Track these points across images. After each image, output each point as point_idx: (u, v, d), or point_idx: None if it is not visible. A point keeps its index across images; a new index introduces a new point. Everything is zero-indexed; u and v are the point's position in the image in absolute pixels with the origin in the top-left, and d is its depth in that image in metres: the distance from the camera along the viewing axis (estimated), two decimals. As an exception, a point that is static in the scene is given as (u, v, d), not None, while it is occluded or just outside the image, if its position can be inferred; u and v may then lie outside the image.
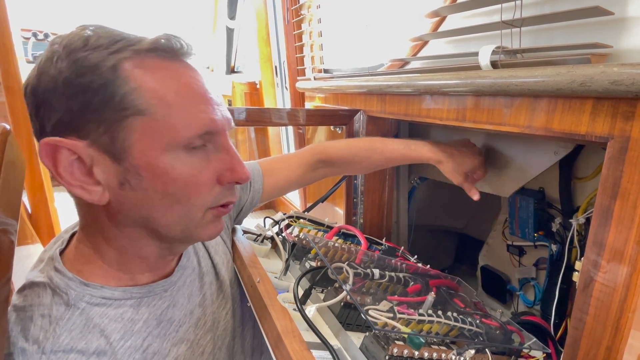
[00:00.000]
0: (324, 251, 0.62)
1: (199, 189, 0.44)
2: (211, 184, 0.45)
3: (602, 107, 0.42)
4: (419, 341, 0.45)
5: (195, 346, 0.53)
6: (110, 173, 0.41)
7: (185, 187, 0.43)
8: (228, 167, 0.46)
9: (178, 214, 0.45)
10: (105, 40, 0.40)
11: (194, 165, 0.44)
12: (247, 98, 2.11)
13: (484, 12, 0.64)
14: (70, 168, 0.41)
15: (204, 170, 0.44)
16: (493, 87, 0.53)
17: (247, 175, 0.47)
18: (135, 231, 0.46)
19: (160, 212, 0.44)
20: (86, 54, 0.39)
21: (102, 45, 0.40)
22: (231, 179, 0.46)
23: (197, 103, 0.43)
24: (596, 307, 0.44)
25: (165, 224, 0.45)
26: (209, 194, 0.45)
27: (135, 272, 0.49)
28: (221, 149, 0.46)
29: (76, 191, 0.42)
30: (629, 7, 0.45)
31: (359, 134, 0.96)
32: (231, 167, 0.46)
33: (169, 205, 0.44)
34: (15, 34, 1.51)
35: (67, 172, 0.41)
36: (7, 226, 0.43)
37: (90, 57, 0.39)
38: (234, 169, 0.46)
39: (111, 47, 0.40)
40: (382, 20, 0.97)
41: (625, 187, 0.40)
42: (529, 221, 0.75)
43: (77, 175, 0.41)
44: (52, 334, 0.42)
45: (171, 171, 0.42)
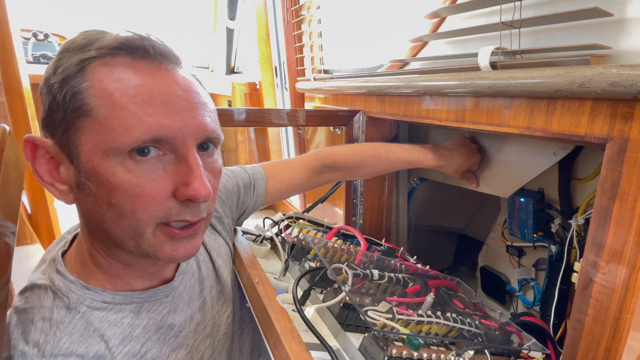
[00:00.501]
0: (323, 252, 0.62)
1: (145, 202, 0.39)
2: (162, 197, 0.40)
3: (600, 108, 0.42)
4: (418, 342, 0.45)
5: (194, 351, 0.53)
6: (70, 174, 0.42)
7: (129, 197, 0.39)
8: (183, 181, 0.40)
9: (125, 227, 0.41)
10: (83, 41, 0.40)
11: (141, 174, 0.39)
12: (247, 98, 2.11)
13: (484, 13, 0.64)
14: (46, 166, 0.42)
15: (153, 181, 0.39)
16: (492, 88, 0.54)
17: (203, 192, 0.40)
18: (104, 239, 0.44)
19: (108, 223, 0.41)
20: (63, 55, 0.40)
21: (79, 45, 0.40)
22: (183, 195, 0.40)
23: (148, 106, 0.38)
24: (595, 308, 0.44)
25: (117, 236, 0.42)
26: (159, 208, 0.40)
27: (126, 278, 0.48)
28: (181, 160, 0.41)
29: (49, 188, 0.43)
30: (628, 8, 0.45)
31: (359, 135, 0.96)
32: (186, 182, 0.40)
33: (116, 217, 0.40)
34: (15, 34, 1.51)
35: (43, 169, 0.42)
36: (4, 228, 0.43)
37: (64, 57, 0.40)
38: (188, 184, 0.40)
39: (87, 46, 0.40)
40: (381, 21, 0.97)
41: (624, 188, 0.40)
42: (529, 222, 0.75)
43: (50, 173, 0.42)
44: (52, 338, 0.42)
45: (112, 178, 0.39)
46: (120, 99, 0.38)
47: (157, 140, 0.39)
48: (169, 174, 0.40)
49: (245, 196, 0.70)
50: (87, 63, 0.39)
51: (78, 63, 0.39)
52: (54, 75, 0.40)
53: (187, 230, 0.43)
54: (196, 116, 0.42)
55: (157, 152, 0.40)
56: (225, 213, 0.67)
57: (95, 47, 0.40)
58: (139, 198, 0.39)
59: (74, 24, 0.67)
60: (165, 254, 0.43)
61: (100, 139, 0.38)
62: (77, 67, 0.39)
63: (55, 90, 0.39)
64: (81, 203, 0.43)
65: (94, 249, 0.46)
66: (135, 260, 0.47)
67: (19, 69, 1.55)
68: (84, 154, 0.39)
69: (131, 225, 0.40)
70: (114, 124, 0.38)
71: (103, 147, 0.38)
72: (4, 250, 0.42)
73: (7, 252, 0.43)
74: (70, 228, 0.53)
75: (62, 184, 0.43)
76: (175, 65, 0.43)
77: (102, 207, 0.40)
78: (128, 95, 0.38)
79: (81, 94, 0.38)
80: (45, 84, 0.41)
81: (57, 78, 0.39)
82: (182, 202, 0.41)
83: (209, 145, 0.44)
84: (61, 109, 0.39)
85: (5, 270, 0.43)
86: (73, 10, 2.93)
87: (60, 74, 0.39)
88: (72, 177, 0.41)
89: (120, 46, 0.39)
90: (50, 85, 0.40)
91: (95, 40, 0.40)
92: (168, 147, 0.40)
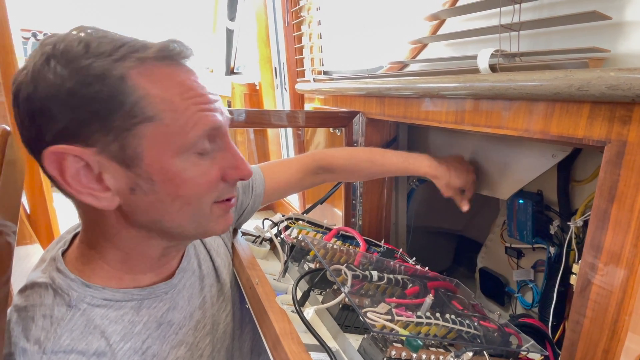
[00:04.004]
0: (322, 253, 0.62)
1: (208, 188, 0.46)
2: (216, 181, 0.46)
3: (599, 111, 0.43)
4: (417, 343, 0.45)
5: (194, 349, 0.53)
6: (120, 179, 0.41)
7: (197, 187, 0.44)
8: (232, 165, 0.47)
9: (189, 213, 0.46)
10: (107, 47, 0.39)
11: (202, 166, 0.45)
12: (247, 99, 2.11)
13: (483, 15, 0.64)
14: (77, 176, 0.40)
15: (210, 169, 0.45)
16: (492, 91, 0.54)
17: (250, 171, 0.49)
18: (144, 232, 0.46)
19: (172, 214, 0.45)
20: (89, 62, 0.38)
21: (105, 52, 0.39)
22: (235, 177, 0.48)
23: (199, 103, 0.43)
24: (593, 309, 0.44)
25: (179, 224, 0.46)
26: (215, 190, 0.47)
27: (137, 273, 0.49)
28: (224, 148, 0.47)
29: (85, 198, 0.41)
30: (626, 11, 0.45)
31: (358, 136, 0.96)
32: (235, 165, 0.48)
33: (180, 207, 0.45)
34: (15, 34, 1.51)
35: (75, 179, 0.40)
36: (5, 228, 0.43)
37: (94, 65, 0.38)
38: (237, 167, 0.48)
39: (114, 53, 0.39)
40: (381, 23, 0.98)
41: (622, 190, 0.41)
42: (527, 224, 0.75)
43: (84, 182, 0.41)
44: (53, 335, 0.42)
45: (182, 174, 0.43)
46: (181, 102, 0.42)
47: (214, 129, 0.44)
48: (217, 161, 0.46)
49: (244, 197, 0.70)
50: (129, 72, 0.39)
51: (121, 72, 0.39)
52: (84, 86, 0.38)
53: (232, 202, 0.51)
54: (222, 105, 0.47)
55: (208, 144, 0.45)
56: None
57: (137, 56, 0.40)
58: (204, 185, 0.45)
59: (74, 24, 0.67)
60: (220, 226, 0.50)
61: (169, 140, 0.42)
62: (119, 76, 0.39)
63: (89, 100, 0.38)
64: (132, 204, 0.43)
65: (112, 247, 0.46)
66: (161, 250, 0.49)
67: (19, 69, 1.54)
68: (148, 156, 0.41)
69: (195, 210, 0.46)
70: (181, 125, 0.42)
71: (173, 147, 0.42)
72: (4, 249, 0.42)
73: (8, 251, 0.43)
74: (69, 228, 0.54)
75: (103, 191, 0.41)
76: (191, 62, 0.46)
77: (164, 202, 0.44)
78: (185, 98, 0.42)
79: (139, 103, 0.39)
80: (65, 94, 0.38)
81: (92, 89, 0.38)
82: (228, 182, 0.48)
83: None
84: (107, 118, 0.39)
85: (6, 270, 0.43)
86: (72, 10, 2.93)
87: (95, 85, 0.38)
88: (124, 181, 0.41)
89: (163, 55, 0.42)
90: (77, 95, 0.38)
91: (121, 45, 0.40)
92: (214, 138, 0.45)
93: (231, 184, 0.49)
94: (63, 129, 0.39)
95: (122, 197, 0.42)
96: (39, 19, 2.63)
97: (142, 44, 0.41)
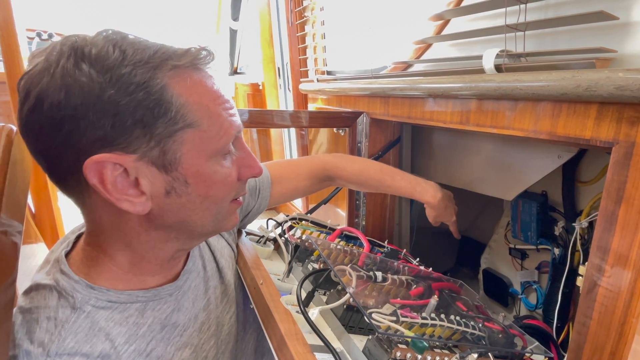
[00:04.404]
0: (326, 253, 0.62)
1: (231, 187, 0.48)
2: (236, 180, 0.49)
3: (607, 112, 0.42)
4: (422, 345, 0.45)
5: (199, 350, 0.53)
6: (157, 183, 0.42)
7: (223, 187, 0.47)
8: (246, 164, 0.50)
9: (214, 212, 0.48)
10: (143, 54, 0.40)
11: (227, 166, 0.47)
12: (250, 99, 2.11)
13: (488, 15, 0.64)
14: (115, 183, 0.40)
15: (232, 170, 0.48)
16: (497, 91, 0.53)
17: (261, 169, 0.51)
18: (163, 234, 0.48)
19: (199, 213, 0.47)
20: (129, 69, 0.38)
21: (142, 59, 0.39)
22: (249, 175, 0.51)
23: (226, 109, 0.46)
24: (600, 311, 0.44)
25: (202, 223, 0.48)
26: (234, 189, 0.49)
27: (146, 275, 0.50)
28: (239, 148, 0.50)
29: (122, 204, 0.41)
30: (634, 12, 0.45)
31: (362, 137, 0.96)
32: (249, 164, 0.50)
33: (207, 206, 0.47)
34: (20, 34, 1.52)
35: (115, 187, 0.40)
36: (11, 228, 0.43)
37: (135, 73, 0.39)
38: (250, 166, 0.50)
39: (151, 61, 0.40)
40: (385, 23, 0.98)
41: (630, 192, 0.40)
42: (532, 224, 0.75)
43: (122, 189, 0.41)
44: (57, 337, 0.42)
45: (214, 176, 0.45)
46: (214, 108, 0.44)
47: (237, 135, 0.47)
48: (234, 161, 0.49)
49: (250, 199, 0.70)
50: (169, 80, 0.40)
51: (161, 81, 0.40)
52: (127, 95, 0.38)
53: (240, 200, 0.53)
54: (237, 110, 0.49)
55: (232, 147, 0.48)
56: None
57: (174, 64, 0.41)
58: (229, 185, 0.48)
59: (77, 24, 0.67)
60: (231, 222, 0.52)
61: (205, 145, 0.44)
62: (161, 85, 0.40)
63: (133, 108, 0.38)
64: (163, 206, 0.44)
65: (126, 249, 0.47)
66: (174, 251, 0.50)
67: (24, 68, 1.55)
68: (187, 160, 0.43)
69: (219, 208, 0.48)
70: (216, 129, 0.44)
71: (208, 150, 0.44)
72: (11, 249, 0.42)
73: (14, 251, 0.43)
74: (74, 228, 0.54)
75: (139, 196, 0.42)
76: None
77: (195, 202, 0.46)
78: (217, 104, 0.45)
79: (181, 110, 0.41)
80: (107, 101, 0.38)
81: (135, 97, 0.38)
82: (242, 180, 0.51)
83: None
84: (150, 125, 0.40)
85: (12, 269, 0.43)
86: (76, 10, 2.94)
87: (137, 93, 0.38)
88: (161, 184, 0.43)
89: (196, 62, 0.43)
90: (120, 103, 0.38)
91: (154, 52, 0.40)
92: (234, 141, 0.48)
93: (244, 182, 0.52)
94: (102, 136, 0.38)
95: (155, 200, 0.43)
96: (43, 19, 2.64)
97: (174, 50, 0.42)
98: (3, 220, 0.41)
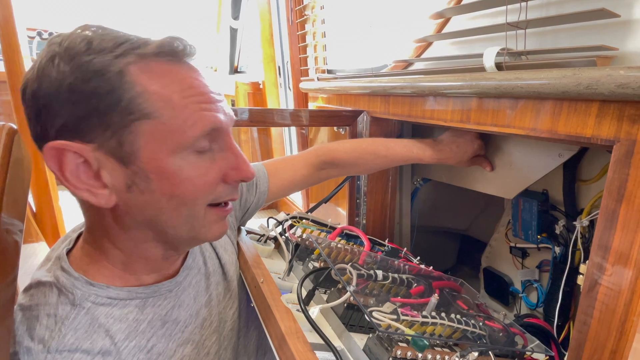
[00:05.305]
0: (327, 252, 0.62)
1: (205, 188, 0.45)
2: (216, 182, 0.46)
3: (608, 110, 0.42)
4: (422, 343, 0.45)
5: (200, 347, 0.53)
6: (117, 176, 0.41)
7: (193, 188, 0.44)
8: (233, 166, 0.47)
9: (184, 214, 0.45)
10: (108, 43, 0.40)
11: (201, 166, 0.44)
12: (250, 98, 2.11)
13: (489, 13, 0.64)
14: (76, 172, 0.41)
15: (210, 170, 0.45)
16: (498, 89, 0.53)
17: (252, 173, 0.48)
18: (142, 233, 0.46)
19: (167, 213, 0.44)
20: (90, 58, 0.39)
21: (106, 48, 0.39)
22: (237, 178, 0.47)
23: (200, 102, 0.43)
24: (601, 310, 0.44)
25: (172, 225, 0.46)
26: (212, 192, 0.46)
27: (140, 273, 0.49)
28: (226, 148, 0.46)
29: (83, 194, 0.41)
30: (635, 9, 0.45)
31: (362, 135, 0.96)
32: (236, 166, 0.47)
33: (176, 207, 0.44)
34: (20, 33, 1.52)
35: (74, 175, 0.41)
36: (12, 227, 0.43)
37: (95, 61, 0.39)
38: (239, 168, 0.47)
39: (115, 50, 0.40)
40: (386, 21, 0.97)
41: (631, 190, 0.40)
42: (532, 223, 0.75)
43: (83, 179, 0.41)
44: (57, 334, 0.42)
45: (179, 173, 0.42)
46: (180, 100, 0.41)
47: (214, 130, 0.44)
48: (217, 161, 0.46)
49: (248, 194, 0.70)
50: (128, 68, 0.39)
51: (119, 69, 0.39)
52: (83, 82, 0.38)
53: (228, 208, 0.50)
54: (227, 107, 0.46)
55: (208, 144, 0.44)
56: None
57: (138, 52, 0.40)
58: (202, 186, 0.44)
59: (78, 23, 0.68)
60: (212, 232, 0.49)
61: (167, 138, 0.41)
62: (118, 73, 0.39)
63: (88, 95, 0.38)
64: (128, 202, 0.43)
65: (114, 247, 0.47)
66: (162, 252, 0.49)
67: (25, 67, 1.55)
68: (145, 154, 0.41)
69: (190, 211, 0.45)
70: (179, 123, 0.41)
71: (170, 145, 0.41)
72: (12, 247, 0.42)
73: (15, 249, 0.43)
74: (75, 227, 0.54)
75: (101, 188, 0.42)
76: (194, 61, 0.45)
77: (160, 201, 0.43)
78: (185, 96, 0.42)
79: (136, 100, 0.39)
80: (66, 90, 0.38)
81: (91, 84, 0.38)
82: (229, 184, 0.47)
83: None
84: (105, 114, 0.39)
85: (13, 267, 0.43)
86: (77, 9, 2.94)
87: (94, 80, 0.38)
88: (121, 178, 0.42)
89: (164, 51, 0.41)
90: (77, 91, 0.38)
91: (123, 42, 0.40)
92: (214, 138, 0.45)
93: (232, 186, 0.48)
94: (64, 124, 0.39)
95: (119, 194, 0.42)
96: (44, 18, 2.64)
97: (145, 40, 0.41)
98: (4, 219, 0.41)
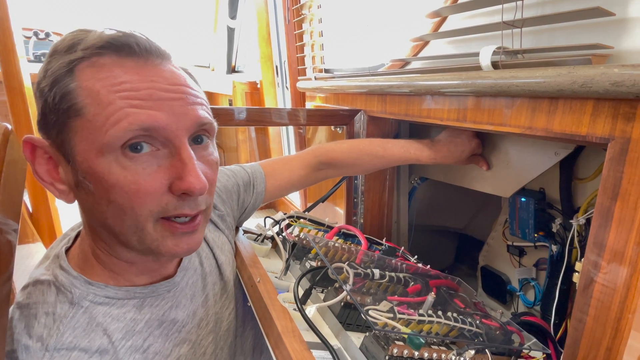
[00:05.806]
0: (324, 251, 0.62)
1: (142, 198, 0.40)
2: (158, 192, 0.40)
3: (602, 108, 0.42)
4: (418, 341, 0.45)
5: (197, 347, 0.53)
6: (68, 174, 0.42)
7: (126, 194, 0.39)
8: (178, 175, 0.40)
9: (128, 223, 0.41)
10: (70, 42, 0.40)
11: (135, 171, 0.39)
12: (248, 97, 2.11)
13: (485, 12, 0.64)
14: (45, 166, 0.43)
15: (148, 176, 0.40)
16: (494, 88, 0.53)
17: (198, 186, 0.40)
18: (109, 236, 0.44)
19: (111, 219, 0.41)
20: (52, 57, 0.41)
21: (66, 47, 0.40)
22: (179, 189, 0.40)
23: (133, 99, 0.38)
24: (596, 307, 0.44)
25: (120, 232, 0.42)
26: (156, 203, 0.40)
27: (128, 275, 0.48)
28: (175, 154, 0.41)
29: (49, 188, 0.43)
30: (630, 8, 0.45)
31: (360, 134, 0.96)
32: (180, 176, 0.40)
33: (117, 214, 0.41)
34: (16, 33, 1.51)
35: (42, 169, 0.43)
36: (6, 226, 0.43)
37: (52, 60, 0.40)
38: (182, 178, 0.40)
39: (71, 48, 0.40)
40: (382, 21, 0.97)
41: (626, 188, 0.40)
42: (529, 222, 0.75)
43: (49, 173, 0.43)
44: (55, 332, 0.42)
45: (108, 176, 0.39)
46: (107, 95, 0.38)
47: (147, 132, 0.39)
48: (164, 168, 0.41)
49: (245, 195, 0.70)
50: (74, 64, 0.39)
51: (66, 65, 0.39)
52: (44, 79, 0.40)
53: (187, 226, 0.44)
54: (185, 105, 0.41)
55: (150, 147, 0.40)
56: (226, 212, 0.67)
57: (81, 47, 0.40)
58: (136, 194, 0.39)
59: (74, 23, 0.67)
60: (167, 248, 0.43)
61: (93, 137, 0.38)
62: (66, 68, 0.39)
63: (46, 93, 0.40)
64: (82, 202, 0.44)
65: (96, 246, 0.47)
66: (137, 257, 0.47)
67: (21, 67, 1.55)
68: (79, 153, 0.40)
69: (132, 221, 0.41)
70: (103, 120, 0.38)
71: (96, 144, 0.38)
72: (6, 247, 0.42)
73: (9, 249, 0.43)
74: (74, 225, 0.54)
75: (61, 183, 0.43)
76: (163, 60, 0.42)
77: (101, 205, 0.41)
78: (113, 91, 0.38)
79: (70, 95, 0.39)
80: (38, 88, 0.41)
81: (47, 81, 0.40)
82: (179, 196, 0.41)
83: (203, 138, 0.45)
84: (53, 111, 0.40)
85: (7, 267, 0.43)
86: (73, 9, 2.93)
87: (50, 77, 0.40)
88: (70, 176, 0.42)
89: (106, 45, 0.39)
90: (42, 88, 0.40)
91: (81, 41, 0.40)
92: (160, 142, 0.40)
93: (182, 198, 0.41)
94: (38, 120, 0.42)
95: (74, 192, 0.43)
96: (40, 18, 2.63)
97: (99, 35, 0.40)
98: (-2, 219, 0.41)
